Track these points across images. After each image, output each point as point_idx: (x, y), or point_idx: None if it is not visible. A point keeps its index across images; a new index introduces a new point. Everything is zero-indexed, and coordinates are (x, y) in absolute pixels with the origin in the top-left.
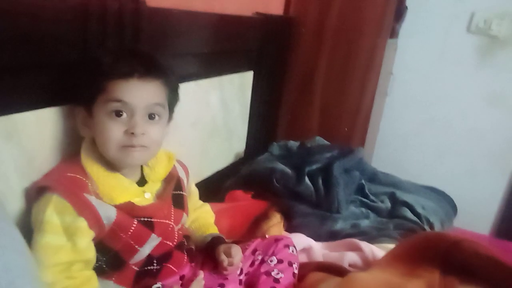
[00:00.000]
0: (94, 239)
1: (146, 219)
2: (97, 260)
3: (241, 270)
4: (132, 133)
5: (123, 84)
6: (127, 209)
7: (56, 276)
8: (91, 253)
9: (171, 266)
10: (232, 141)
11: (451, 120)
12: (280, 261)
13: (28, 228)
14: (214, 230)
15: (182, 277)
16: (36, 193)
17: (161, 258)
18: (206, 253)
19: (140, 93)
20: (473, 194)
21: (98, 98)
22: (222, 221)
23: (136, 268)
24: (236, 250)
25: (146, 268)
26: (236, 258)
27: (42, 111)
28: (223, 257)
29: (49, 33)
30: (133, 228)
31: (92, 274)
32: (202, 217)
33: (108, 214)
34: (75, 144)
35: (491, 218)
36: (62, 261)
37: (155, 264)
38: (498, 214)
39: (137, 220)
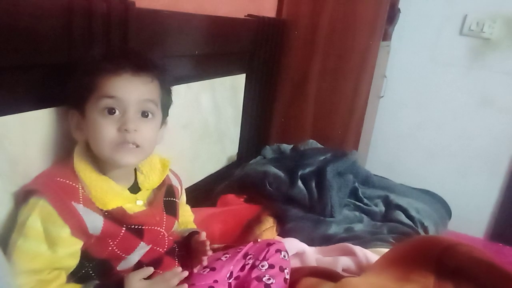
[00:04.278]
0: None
1: (136, 226)
2: (84, 266)
3: (231, 273)
4: (126, 130)
5: (115, 80)
6: (118, 215)
7: (27, 279)
8: (71, 262)
9: (161, 272)
10: (224, 144)
11: (444, 121)
12: (271, 266)
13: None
14: (192, 226)
15: None
16: (24, 195)
17: (151, 264)
18: (183, 246)
19: (133, 88)
20: (465, 195)
21: (90, 97)
22: (214, 226)
23: (125, 275)
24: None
25: None
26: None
27: (27, 114)
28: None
29: (33, 33)
30: (120, 236)
31: (60, 272)
32: (182, 215)
33: (95, 224)
34: (62, 148)
35: (484, 220)
36: (38, 268)
37: None
38: (492, 217)
39: (125, 227)
